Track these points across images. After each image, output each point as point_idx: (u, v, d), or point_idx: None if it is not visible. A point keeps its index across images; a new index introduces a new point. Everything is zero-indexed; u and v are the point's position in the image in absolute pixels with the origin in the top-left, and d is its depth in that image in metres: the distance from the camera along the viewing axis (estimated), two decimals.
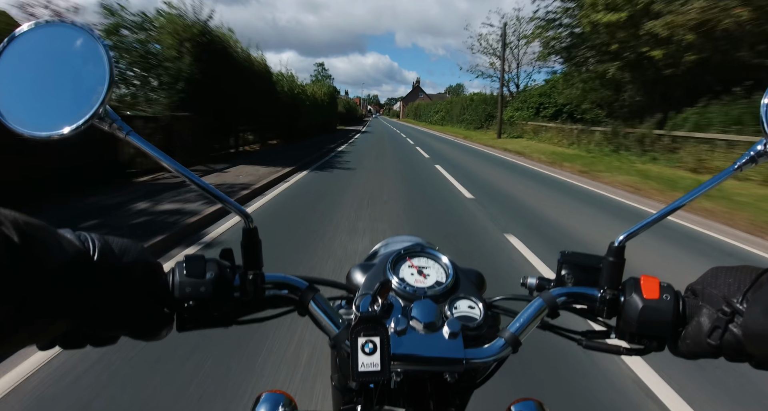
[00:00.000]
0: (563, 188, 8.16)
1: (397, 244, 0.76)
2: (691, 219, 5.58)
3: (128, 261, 0.43)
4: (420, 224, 5.02)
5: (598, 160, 11.85)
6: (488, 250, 4.06)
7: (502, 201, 6.58)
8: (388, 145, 17.96)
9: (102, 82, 0.41)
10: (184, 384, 1.89)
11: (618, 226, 5.09)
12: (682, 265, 3.89)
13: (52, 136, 0.40)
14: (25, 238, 0.32)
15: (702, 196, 0.48)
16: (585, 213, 6.03)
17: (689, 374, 2.11)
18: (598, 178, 9.03)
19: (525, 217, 5.53)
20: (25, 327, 0.33)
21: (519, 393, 0.77)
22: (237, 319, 0.52)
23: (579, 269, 0.56)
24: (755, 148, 0.45)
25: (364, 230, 4.51)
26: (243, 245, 0.51)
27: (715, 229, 5.27)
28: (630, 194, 7.49)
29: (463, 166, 11.27)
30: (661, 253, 4.13)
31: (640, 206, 6.56)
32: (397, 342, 0.46)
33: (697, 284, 0.49)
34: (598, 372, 2.12)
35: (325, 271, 3.30)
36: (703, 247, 4.55)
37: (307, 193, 6.76)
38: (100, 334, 0.43)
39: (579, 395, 1.95)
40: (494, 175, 9.86)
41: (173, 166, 0.46)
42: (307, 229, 4.52)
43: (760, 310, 0.40)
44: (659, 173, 9.35)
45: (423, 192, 7.24)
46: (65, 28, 0.42)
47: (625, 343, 0.53)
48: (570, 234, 4.80)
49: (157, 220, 4.30)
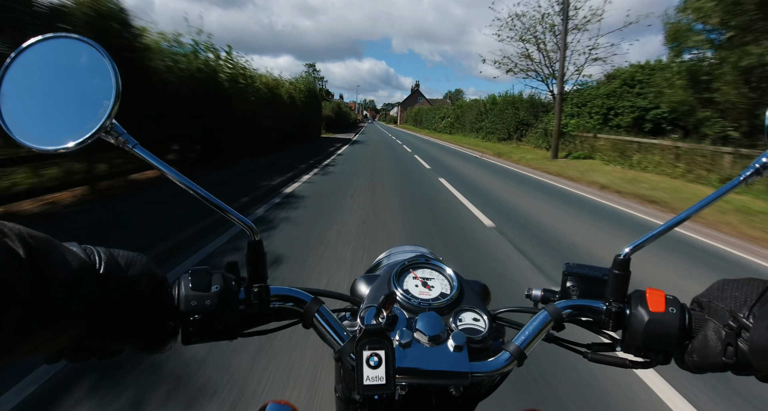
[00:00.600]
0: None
1: (400, 254, 0.77)
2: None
3: (134, 274, 0.43)
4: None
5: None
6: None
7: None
8: (390, 174, 9.87)
9: (108, 96, 0.42)
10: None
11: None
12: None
13: (59, 150, 0.41)
14: (30, 250, 0.32)
15: (709, 207, 0.45)
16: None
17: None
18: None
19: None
20: (29, 339, 0.33)
21: (524, 403, 0.82)
22: (242, 332, 0.53)
23: (584, 281, 0.56)
24: (760, 160, 0.45)
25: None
26: (248, 258, 0.51)
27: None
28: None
29: (549, 233, 4.96)
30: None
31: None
32: (402, 355, 0.46)
33: (703, 297, 0.49)
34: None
35: None
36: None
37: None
38: (105, 348, 0.43)
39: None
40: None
41: (178, 179, 0.46)
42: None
43: (766, 325, 0.39)
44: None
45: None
46: (72, 42, 0.43)
47: (631, 356, 0.52)
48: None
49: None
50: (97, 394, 1.83)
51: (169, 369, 2.02)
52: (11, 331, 0.30)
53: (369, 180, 8.53)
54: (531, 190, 8.26)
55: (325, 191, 7.11)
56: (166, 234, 3.90)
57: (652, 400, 1.97)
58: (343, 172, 9.69)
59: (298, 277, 3.21)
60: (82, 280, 0.37)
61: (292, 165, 9.80)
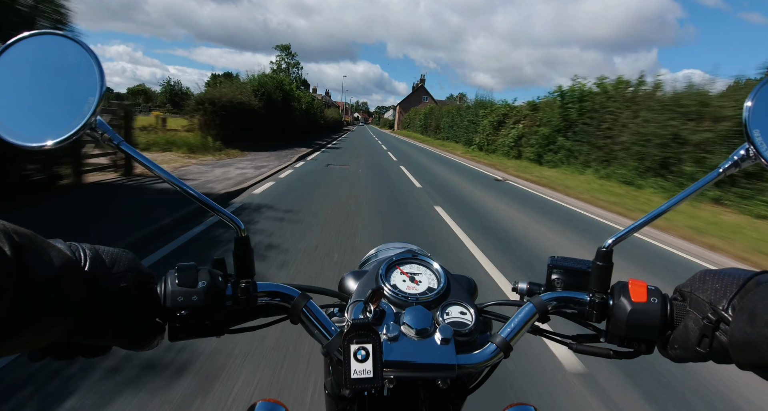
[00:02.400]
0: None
1: (389, 250, 0.76)
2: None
3: (119, 271, 0.43)
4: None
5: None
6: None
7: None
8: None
9: (93, 93, 0.41)
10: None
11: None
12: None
13: (43, 146, 0.40)
14: (15, 247, 0.32)
15: (689, 199, 0.47)
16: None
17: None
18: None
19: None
20: (14, 336, 0.32)
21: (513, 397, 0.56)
22: (229, 328, 0.53)
23: (568, 273, 0.57)
24: (738, 152, 0.45)
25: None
26: (235, 254, 0.51)
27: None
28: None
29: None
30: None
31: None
32: (390, 348, 0.46)
33: (685, 287, 0.50)
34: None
35: None
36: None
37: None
38: (91, 345, 0.43)
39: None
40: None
41: (164, 175, 0.46)
42: None
43: (746, 319, 0.40)
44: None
45: None
46: (57, 39, 0.42)
47: (614, 346, 0.53)
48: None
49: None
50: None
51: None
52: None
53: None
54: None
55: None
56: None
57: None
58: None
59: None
60: (68, 277, 0.37)
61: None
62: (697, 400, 2.07)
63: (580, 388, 2.08)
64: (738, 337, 0.40)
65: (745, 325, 0.40)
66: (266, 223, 4.75)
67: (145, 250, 3.61)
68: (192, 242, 3.96)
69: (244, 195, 6.38)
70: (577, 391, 2.06)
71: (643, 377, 2.21)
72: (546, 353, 2.37)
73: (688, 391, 2.14)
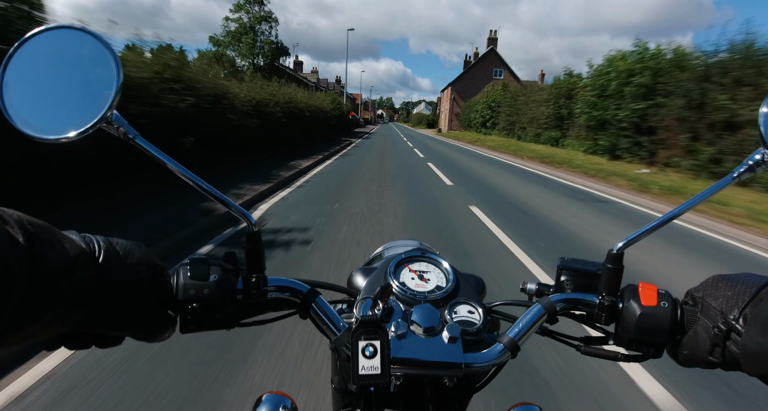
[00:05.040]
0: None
1: (398, 248, 0.76)
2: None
3: (132, 262, 0.43)
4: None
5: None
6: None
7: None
8: None
9: (110, 87, 0.42)
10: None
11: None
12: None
13: (60, 139, 0.41)
14: (30, 237, 0.33)
15: (702, 203, 0.48)
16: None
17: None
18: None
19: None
20: (28, 325, 0.33)
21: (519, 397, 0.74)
22: (239, 322, 0.53)
23: (578, 275, 0.56)
24: (753, 157, 0.45)
25: None
26: (246, 248, 0.52)
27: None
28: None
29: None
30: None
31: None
32: (397, 346, 0.46)
33: (697, 291, 0.49)
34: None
35: None
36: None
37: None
38: (105, 335, 0.44)
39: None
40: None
41: (179, 170, 0.46)
42: None
43: (758, 329, 0.39)
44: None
45: None
46: (75, 32, 0.43)
47: (623, 349, 0.52)
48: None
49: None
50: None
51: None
52: (10, 317, 0.31)
53: None
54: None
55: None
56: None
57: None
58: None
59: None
60: (81, 268, 0.37)
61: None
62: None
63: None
64: (750, 347, 0.40)
65: (758, 334, 0.39)
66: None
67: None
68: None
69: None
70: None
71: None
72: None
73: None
